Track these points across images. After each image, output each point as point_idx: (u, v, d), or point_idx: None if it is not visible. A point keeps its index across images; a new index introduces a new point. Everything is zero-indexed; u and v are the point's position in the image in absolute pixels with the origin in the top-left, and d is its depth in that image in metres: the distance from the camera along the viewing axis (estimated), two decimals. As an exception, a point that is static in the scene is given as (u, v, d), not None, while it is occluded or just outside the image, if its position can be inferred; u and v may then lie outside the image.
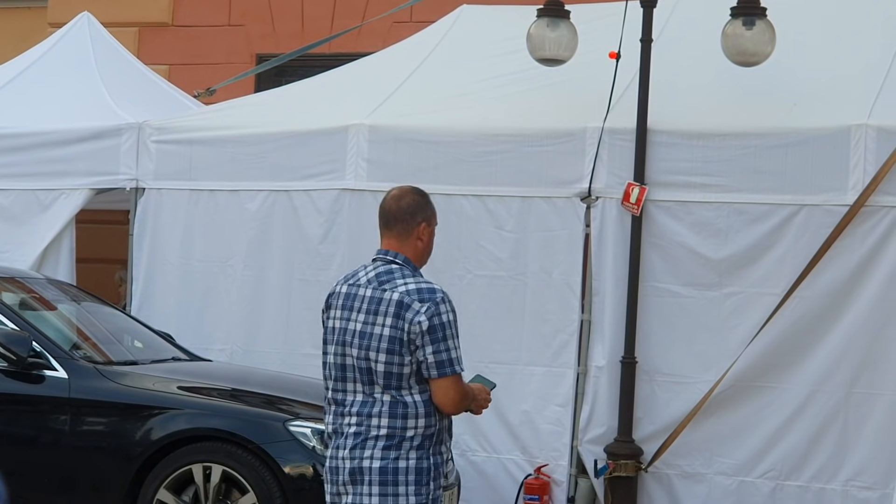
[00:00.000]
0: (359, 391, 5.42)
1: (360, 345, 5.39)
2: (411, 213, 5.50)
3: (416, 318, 5.31)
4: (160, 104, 11.91)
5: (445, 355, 5.33)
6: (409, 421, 5.36)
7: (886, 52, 9.56)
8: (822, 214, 9.05)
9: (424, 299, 5.33)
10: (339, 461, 5.43)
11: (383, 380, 5.36)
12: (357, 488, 5.38)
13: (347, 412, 5.43)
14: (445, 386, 5.36)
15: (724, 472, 9.22)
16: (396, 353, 5.34)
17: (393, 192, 5.57)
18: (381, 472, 5.34)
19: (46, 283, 9.91)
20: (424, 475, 5.38)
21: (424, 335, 5.31)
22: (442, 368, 5.34)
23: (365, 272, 5.51)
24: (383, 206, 5.53)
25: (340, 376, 5.47)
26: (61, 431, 8.39)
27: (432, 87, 10.54)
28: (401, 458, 5.35)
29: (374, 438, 5.36)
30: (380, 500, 5.34)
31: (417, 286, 5.37)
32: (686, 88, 9.77)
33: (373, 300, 5.40)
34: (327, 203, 10.21)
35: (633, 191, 9.42)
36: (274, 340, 10.31)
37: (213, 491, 8.15)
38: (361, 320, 5.40)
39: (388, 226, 5.51)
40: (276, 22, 14.92)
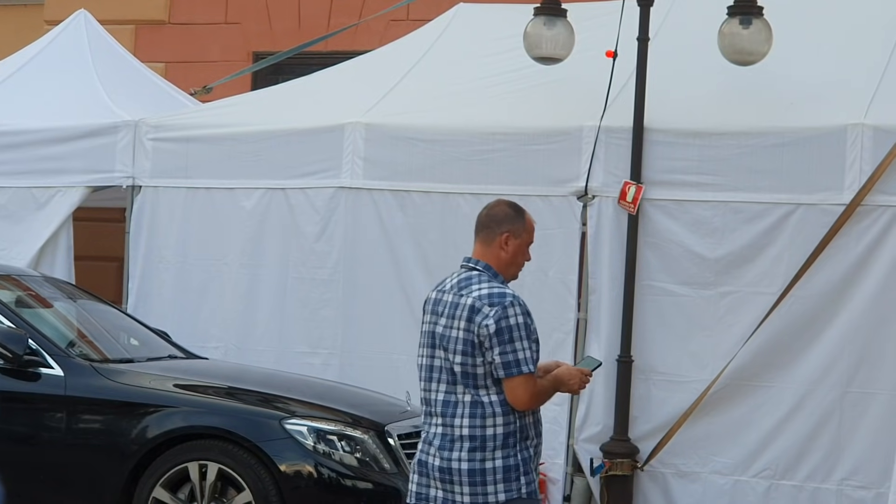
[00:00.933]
0: (442, 391, 5.74)
1: (443, 346, 5.72)
2: (497, 222, 5.79)
3: (485, 322, 5.60)
4: (157, 102, 11.91)
5: (512, 356, 5.58)
6: (487, 420, 5.62)
7: (883, 52, 9.57)
8: (819, 214, 9.05)
9: (494, 303, 5.62)
10: (430, 457, 5.73)
11: (462, 379, 5.66)
12: (448, 486, 5.67)
13: (433, 412, 5.77)
14: (513, 386, 5.61)
15: (720, 472, 9.22)
16: (470, 355, 5.63)
17: (491, 202, 5.91)
18: (470, 474, 5.62)
19: (43, 280, 9.90)
20: (513, 472, 5.62)
21: (492, 337, 5.59)
22: (509, 369, 5.60)
23: (451, 279, 5.86)
24: (478, 217, 5.87)
25: (427, 377, 5.81)
26: (57, 429, 8.39)
27: (429, 85, 10.54)
28: (487, 459, 5.62)
29: (459, 439, 5.65)
30: (471, 498, 5.63)
31: (490, 291, 5.66)
32: (682, 87, 9.77)
33: (452, 305, 5.73)
34: (323, 201, 10.21)
35: (629, 189, 9.42)
36: (269, 338, 10.31)
37: (208, 489, 8.15)
38: (443, 324, 5.74)
39: (476, 232, 5.84)
40: (273, 20, 14.92)
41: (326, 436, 8.21)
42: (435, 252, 9.92)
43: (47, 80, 11.85)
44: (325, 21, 14.46)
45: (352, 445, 8.24)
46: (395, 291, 10.00)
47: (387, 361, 9.98)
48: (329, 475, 8.13)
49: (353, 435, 8.28)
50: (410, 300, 9.94)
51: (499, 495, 5.61)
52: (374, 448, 8.29)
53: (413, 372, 9.80)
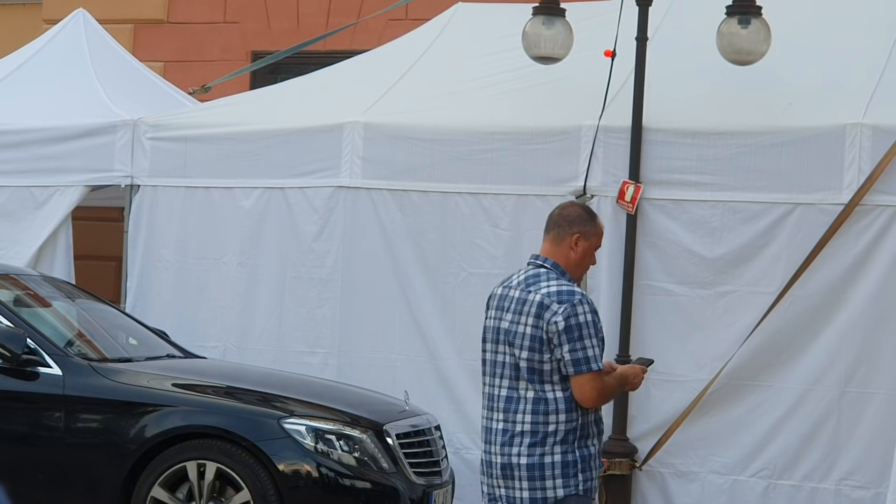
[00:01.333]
0: (504, 386, 5.82)
1: (508, 342, 5.80)
2: (569, 223, 5.90)
3: (554, 318, 5.69)
4: (155, 101, 11.90)
5: (581, 353, 5.68)
6: (549, 416, 5.72)
7: (882, 51, 9.57)
8: (817, 213, 9.05)
9: (563, 300, 5.71)
10: (493, 456, 5.83)
11: (527, 375, 5.75)
12: (509, 482, 5.77)
13: (496, 407, 5.85)
14: (581, 382, 5.70)
15: (718, 471, 9.22)
16: (537, 351, 5.72)
17: (563, 203, 6.09)
18: (529, 469, 5.70)
19: (41, 279, 9.90)
20: (571, 468, 5.72)
21: (561, 334, 5.69)
22: (578, 366, 5.70)
23: (517, 275, 5.93)
24: (550, 216, 5.99)
25: (491, 372, 5.89)
26: (55, 428, 8.39)
27: (427, 84, 10.54)
28: (546, 454, 5.70)
29: (519, 435, 5.74)
30: (530, 493, 5.71)
31: (558, 288, 5.75)
32: (681, 87, 9.77)
33: (519, 301, 5.80)
34: (322, 200, 10.21)
35: (628, 189, 9.42)
36: (267, 338, 10.31)
37: (207, 488, 8.15)
38: (509, 319, 5.82)
39: (546, 230, 5.94)
40: (272, 19, 14.92)
41: (325, 435, 8.21)
42: (433, 252, 9.92)
43: (46, 80, 11.84)
44: (324, 20, 14.45)
45: (350, 445, 8.24)
46: (393, 291, 10.00)
47: (385, 361, 9.98)
48: (327, 475, 8.13)
49: (352, 434, 8.28)
50: (409, 300, 9.95)
51: (557, 490, 5.70)
52: (372, 447, 8.29)
53: (410, 371, 9.92)
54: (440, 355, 9.85)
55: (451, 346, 9.83)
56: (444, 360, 9.84)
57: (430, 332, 9.89)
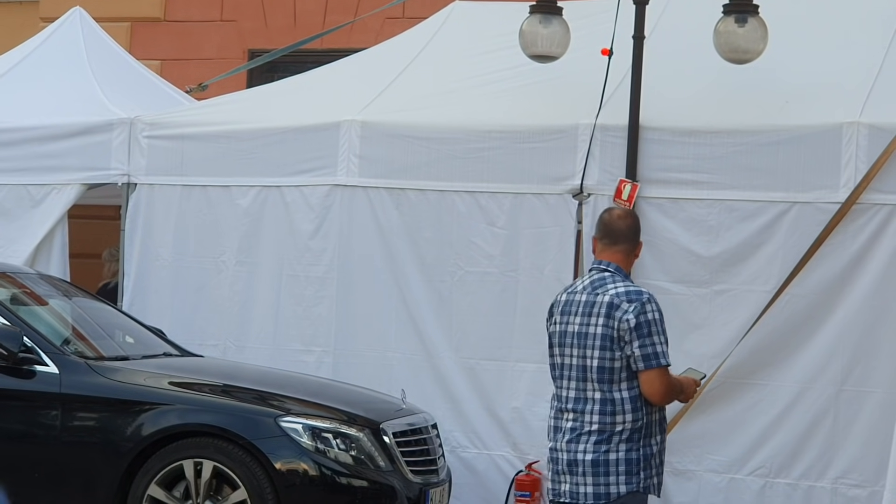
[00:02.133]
0: (573, 388, 6.13)
1: (578, 344, 6.11)
2: (634, 233, 6.29)
3: (625, 317, 5.99)
4: (152, 99, 11.90)
5: (651, 349, 5.97)
6: (617, 416, 6.01)
7: (878, 50, 9.57)
8: (814, 212, 9.05)
9: (632, 300, 6.02)
10: (560, 452, 6.13)
11: (597, 374, 6.04)
12: (573, 478, 6.06)
13: (566, 408, 6.16)
14: (651, 378, 5.98)
15: (714, 470, 9.22)
16: (608, 349, 6.01)
17: (616, 211, 6.39)
18: (594, 465, 5.99)
19: (38, 278, 9.89)
20: (634, 465, 6.00)
21: (632, 331, 5.98)
22: (648, 361, 5.98)
23: (582, 282, 6.27)
24: (609, 224, 6.29)
25: (560, 375, 6.21)
26: (52, 427, 8.39)
27: (424, 83, 10.54)
28: (611, 450, 5.98)
29: (587, 433, 6.04)
30: (594, 488, 6.00)
31: (626, 289, 6.08)
32: (678, 85, 9.77)
33: (587, 304, 6.13)
34: (318, 199, 10.21)
35: (624, 188, 9.42)
36: (264, 336, 10.30)
37: (203, 486, 8.15)
38: (578, 322, 6.13)
39: (615, 242, 6.24)
40: (269, 17, 14.91)
41: (322, 434, 8.21)
42: (430, 250, 9.92)
43: (42, 78, 11.84)
44: (321, 19, 14.45)
45: (347, 443, 8.24)
46: (390, 289, 10.00)
47: (381, 359, 9.97)
48: (324, 473, 8.13)
49: (349, 433, 8.28)
50: (405, 298, 9.95)
51: (620, 487, 5.97)
52: (369, 446, 8.29)
53: (407, 369, 9.93)
54: (437, 354, 9.85)
55: (447, 344, 9.84)
56: (441, 359, 9.84)
57: (426, 331, 9.89)
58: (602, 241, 6.28)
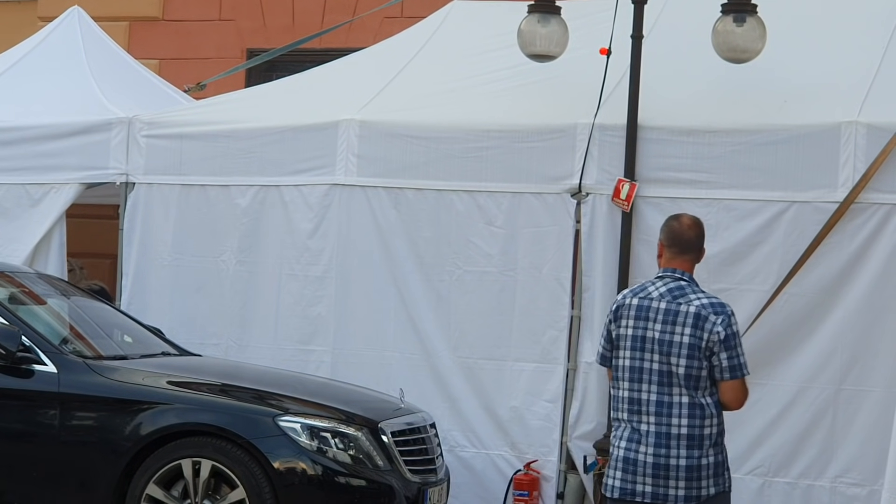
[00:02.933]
0: (654, 392, 6.24)
1: (661, 350, 6.22)
2: (701, 241, 6.47)
3: (715, 329, 6.18)
4: (150, 99, 11.90)
5: (736, 360, 6.21)
6: (705, 420, 6.21)
7: (877, 49, 9.57)
8: (812, 211, 9.06)
9: (718, 312, 6.21)
10: (643, 455, 6.22)
11: (685, 381, 6.19)
12: (661, 481, 6.20)
13: (645, 411, 6.25)
14: (735, 387, 6.24)
15: (713, 469, 9.21)
16: (696, 359, 6.17)
17: (684, 220, 6.51)
18: (688, 470, 6.18)
19: (36, 277, 9.89)
20: (721, 467, 6.26)
21: (721, 343, 6.17)
22: (734, 372, 6.22)
23: (654, 287, 6.37)
24: (679, 233, 6.45)
25: (636, 378, 6.28)
26: (50, 426, 8.38)
27: (423, 82, 10.54)
28: (703, 456, 6.20)
29: (676, 437, 6.18)
30: (685, 491, 6.18)
31: (710, 301, 6.27)
32: (676, 85, 9.77)
33: (669, 312, 6.25)
34: (317, 198, 10.21)
35: (623, 187, 9.43)
36: (264, 335, 10.30)
37: (202, 486, 8.14)
38: (659, 329, 6.24)
39: (684, 251, 6.42)
40: (267, 17, 14.91)
41: (320, 433, 8.21)
42: (428, 249, 9.92)
43: (41, 77, 11.84)
44: (319, 18, 14.45)
45: (345, 442, 8.24)
46: (388, 289, 10.00)
47: (380, 358, 9.98)
48: (323, 472, 8.13)
49: (347, 432, 8.28)
50: (404, 297, 9.95)
51: (710, 489, 6.20)
52: (367, 445, 8.29)
53: (405, 369, 9.92)
54: (435, 353, 9.86)
55: (446, 343, 9.84)
56: (439, 358, 9.84)
57: (425, 330, 9.89)
58: (671, 249, 6.43)
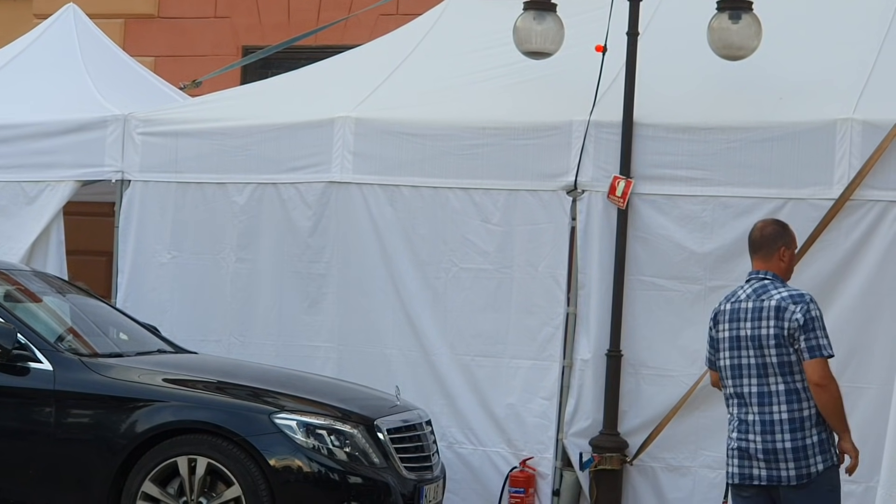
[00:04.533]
0: (755, 384, 6.72)
1: (753, 345, 6.72)
2: (773, 239, 6.84)
3: (794, 316, 6.64)
4: (146, 96, 11.88)
5: (815, 342, 6.64)
6: (802, 404, 6.64)
7: (872, 46, 9.58)
8: (808, 208, 9.06)
9: (797, 301, 6.68)
10: (752, 443, 6.70)
11: (779, 369, 6.66)
12: (772, 464, 6.67)
13: (748, 402, 6.74)
14: (814, 365, 6.62)
15: (709, 465, 9.23)
16: (784, 346, 6.65)
17: (758, 224, 6.99)
18: (794, 451, 6.62)
19: (31, 275, 9.88)
20: (826, 444, 6.68)
21: (801, 328, 6.63)
22: (812, 352, 6.63)
23: (743, 290, 6.86)
24: (751, 236, 6.93)
25: (737, 374, 6.78)
26: (46, 424, 8.38)
27: (419, 79, 10.54)
28: (806, 437, 6.63)
29: (779, 423, 6.64)
30: (796, 471, 6.64)
31: (790, 293, 6.72)
32: (672, 82, 9.77)
33: (755, 309, 6.75)
34: (314, 196, 10.20)
35: (618, 184, 9.43)
36: (268, 333, 10.29)
37: (198, 483, 8.14)
38: (749, 326, 6.75)
39: (756, 251, 6.89)
40: (262, 14, 14.90)
41: (316, 430, 8.21)
42: (425, 246, 9.92)
43: (36, 75, 11.82)
44: (315, 15, 14.44)
45: (341, 440, 8.24)
46: (386, 286, 10.00)
47: (380, 356, 9.98)
48: (318, 469, 8.13)
49: (343, 429, 8.28)
50: (401, 295, 9.94)
51: (818, 465, 6.64)
52: (363, 442, 8.29)
53: (404, 366, 9.93)
54: (432, 350, 9.86)
55: (442, 341, 9.84)
56: (437, 355, 9.85)
57: (422, 328, 9.89)
58: (750, 254, 6.91)
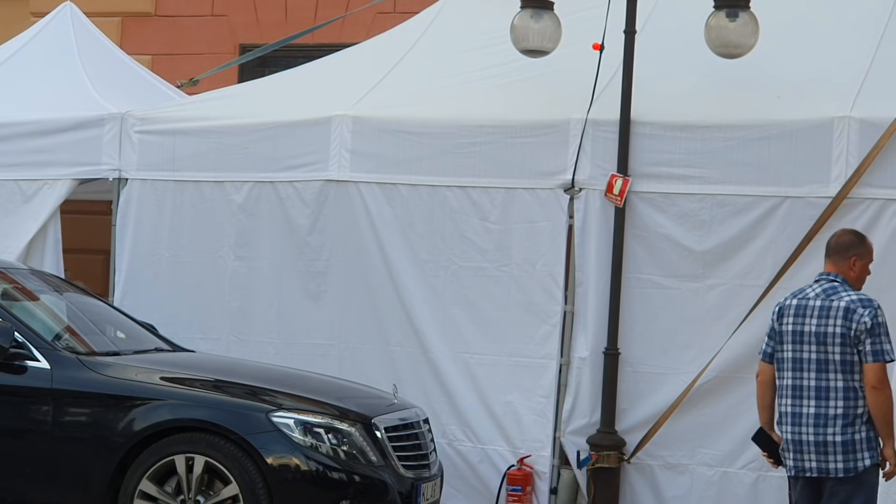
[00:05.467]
0: (812, 378, 7.01)
1: (817, 341, 7.01)
2: (845, 248, 7.21)
3: (862, 319, 6.97)
4: (143, 94, 11.88)
5: (879, 346, 6.96)
6: (858, 401, 6.96)
7: (869, 45, 9.58)
8: (805, 206, 9.07)
9: (866, 306, 7.01)
10: (805, 435, 7.02)
11: (841, 367, 6.97)
12: (822, 456, 6.99)
13: (805, 395, 7.03)
14: (874, 369, 6.94)
15: (707, 463, 9.24)
16: (848, 345, 6.96)
17: (838, 231, 7.44)
18: (844, 445, 6.96)
19: (29, 273, 9.88)
20: (873, 441, 7.00)
21: (867, 332, 6.95)
22: (876, 356, 6.95)
23: (812, 289, 7.17)
24: (829, 241, 7.32)
25: (797, 367, 7.07)
26: (44, 422, 8.37)
27: (416, 78, 10.54)
28: (856, 432, 6.95)
29: (833, 418, 6.96)
30: (844, 464, 6.96)
31: (859, 297, 7.07)
32: (669, 80, 9.78)
33: (822, 308, 7.06)
34: (312, 194, 10.20)
35: (616, 182, 9.43)
36: (268, 331, 10.29)
37: (195, 482, 8.14)
38: (815, 323, 7.04)
39: (829, 256, 7.25)
40: (260, 12, 14.90)
41: (313, 428, 8.21)
42: (422, 245, 9.92)
43: (33, 73, 11.81)
44: (312, 13, 14.44)
45: (339, 438, 8.24)
46: (384, 284, 10.00)
47: (380, 353, 9.98)
48: (316, 468, 8.12)
49: (340, 428, 8.28)
50: (399, 293, 9.94)
51: (865, 461, 6.95)
52: (360, 441, 8.29)
53: (404, 364, 9.94)
54: (431, 348, 9.86)
55: (441, 338, 9.84)
56: (436, 353, 9.85)
57: (420, 326, 9.89)
58: (825, 258, 7.28)
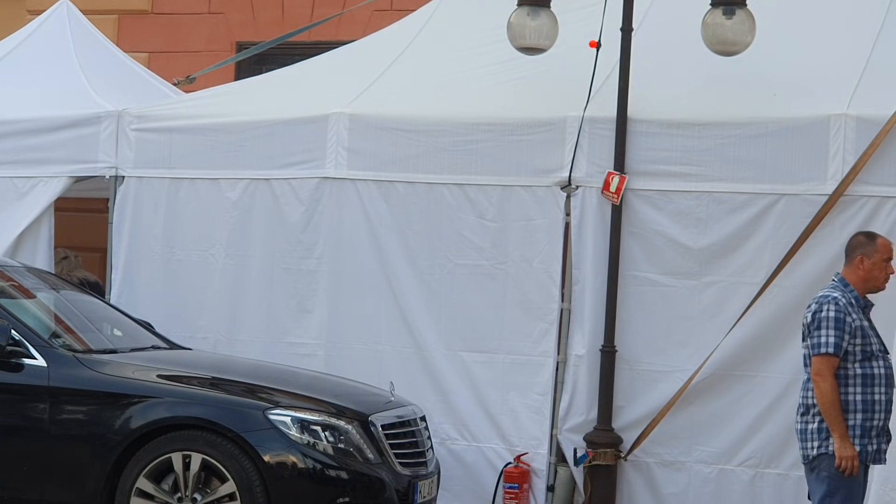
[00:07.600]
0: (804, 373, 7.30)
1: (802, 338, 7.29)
2: (852, 249, 7.39)
3: (807, 313, 7.24)
4: (140, 92, 11.87)
5: (816, 339, 7.15)
6: (808, 392, 7.22)
7: (866, 42, 9.59)
8: (802, 204, 9.08)
9: (817, 301, 7.22)
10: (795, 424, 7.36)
11: (805, 360, 7.26)
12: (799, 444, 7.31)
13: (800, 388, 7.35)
14: (815, 361, 7.16)
15: (704, 461, 9.25)
16: (805, 339, 7.23)
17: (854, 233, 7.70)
18: (801, 433, 7.27)
19: (25, 271, 9.87)
20: (825, 432, 7.13)
21: (808, 325, 7.22)
22: (814, 349, 7.17)
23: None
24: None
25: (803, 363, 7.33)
26: (40, 420, 8.37)
27: (413, 75, 10.53)
28: (809, 422, 7.20)
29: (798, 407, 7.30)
30: (801, 451, 7.27)
31: (821, 294, 7.27)
32: (666, 78, 9.78)
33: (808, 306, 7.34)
34: (308, 192, 10.20)
35: (613, 180, 9.43)
36: (257, 329, 10.29)
37: (192, 479, 8.14)
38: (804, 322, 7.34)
39: (844, 257, 7.43)
40: (256, 10, 14.89)
41: (310, 426, 8.21)
42: (419, 243, 9.92)
43: (29, 71, 11.80)
44: (309, 11, 14.43)
45: (336, 436, 8.24)
46: (380, 282, 10.00)
47: (372, 352, 9.97)
48: (313, 465, 8.13)
49: (337, 425, 8.28)
50: (395, 291, 9.94)
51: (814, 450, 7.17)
52: (357, 438, 8.29)
53: (397, 362, 9.94)
54: (426, 346, 9.86)
55: (436, 336, 9.84)
56: (431, 352, 9.85)
57: (416, 323, 9.89)
58: None
